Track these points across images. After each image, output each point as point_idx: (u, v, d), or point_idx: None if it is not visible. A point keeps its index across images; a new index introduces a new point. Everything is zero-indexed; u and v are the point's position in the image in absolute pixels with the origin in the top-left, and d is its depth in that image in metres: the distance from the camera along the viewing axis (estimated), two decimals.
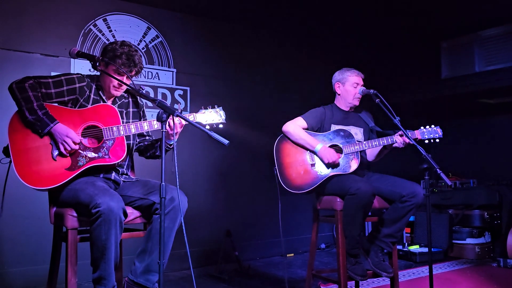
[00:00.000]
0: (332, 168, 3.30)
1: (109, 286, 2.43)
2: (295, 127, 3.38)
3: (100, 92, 2.75)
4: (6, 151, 2.53)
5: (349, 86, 3.49)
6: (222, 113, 2.81)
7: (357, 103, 3.51)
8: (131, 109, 2.90)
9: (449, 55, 5.81)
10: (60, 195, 2.58)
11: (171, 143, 2.78)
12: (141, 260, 2.60)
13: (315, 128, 3.44)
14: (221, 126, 2.81)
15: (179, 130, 2.69)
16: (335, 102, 3.61)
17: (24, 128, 2.52)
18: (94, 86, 2.74)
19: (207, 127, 2.76)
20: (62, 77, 2.65)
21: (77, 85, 2.66)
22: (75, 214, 2.51)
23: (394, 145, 3.31)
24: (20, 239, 3.92)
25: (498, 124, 5.97)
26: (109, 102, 2.78)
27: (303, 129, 3.41)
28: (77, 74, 2.72)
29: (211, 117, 2.78)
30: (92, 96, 2.71)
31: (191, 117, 2.74)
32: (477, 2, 4.85)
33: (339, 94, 3.57)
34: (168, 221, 2.57)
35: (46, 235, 3.09)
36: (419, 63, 6.06)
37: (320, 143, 3.32)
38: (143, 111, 2.98)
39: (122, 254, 2.85)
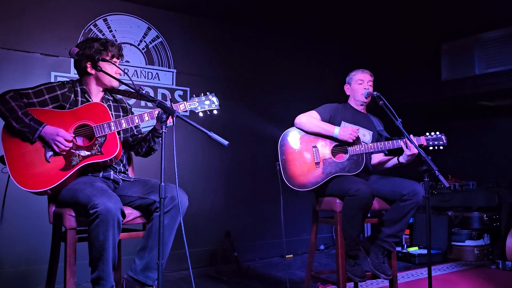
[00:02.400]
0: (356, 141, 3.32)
1: (107, 286, 2.42)
2: (309, 117, 3.41)
3: (86, 94, 2.75)
4: (3, 160, 2.54)
5: (354, 84, 3.56)
6: (215, 99, 2.78)
7: (365, 99, 3.53)
8: (121, 113, 2.90)
9: (449, 57, 5.80)
10: (59, 195, 2.58)
11: (160, 131, 2.77)
12: (141, 257, 2.60)
13: (326, 121, 3.46)
14: (215, 112, 2.77)
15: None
16: (348, 101, 3.68)
17: (14, 137, 2.53)
18: (79, 90, 2.74)
19: (201, 114, 2.74)
20: (42, 87, 2.66)
21: (59, 92, 2.67)
22: (74, 214, 2.51)
23: (405, 154, 3.27)
24: (19, 239, 3.92)
25: (497, 126, 5.96)
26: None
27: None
28: (57, 82, 2.73)
29: (203, 104, 2.75)
30: (79, 99, 2.71)
31: (181, 106, 2.72)
32: (477, 4, 4.85)
33: (349, 95, 3.65)
34: (169, 219, 2.57)
35: (45, 235, 3.09)
36: (419, 65, 6.06)
37: (336, 127, 3.34)
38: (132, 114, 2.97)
39: (121, 254, 2.85)
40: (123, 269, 2.94)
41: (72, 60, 4.12)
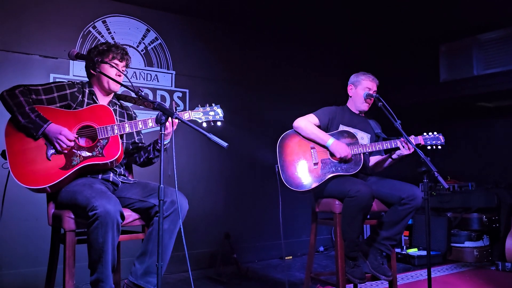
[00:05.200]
0: (344, 163, 3.30)
1: None
2: (307, 122, 3.41)
3: (93, 96, 2.77)
4: (4, 155, 2.54)
5: (360, 89, 3.51)
6: (219, 110, 2.78)
7: (365, 108, 3.52)
8: (126, 120, 2.90)
9: (448, 58, 5.81)
10: (58, 196, 2.59)
11: (165, 143, 2.78)
12: (141, 261, 2.59)
13: (324, 125, 3.47)
14: (219, 124, 2.77)
15: (174, 128, 2.67)
16: (347, 104, 3.65)
17: (18, 132, 2.54)
18: (87, 91, 2.76)
19: (204, 124, 2.74)
20: (52, 85, 2.68)
21: (68, 91, 2.69)
22: (73, 216, 2.50)
23: (400, 152, 3.28)
24: (18, 241, 3.91)
25: (496, 127, 5.97)
26: None
27: (315, 125, 3.43)
28: (68, 81, 2.75)
29: (208, 115, 2.75)
30: (86, 100, 2.73)
31: (186, 114, 2.72)
32: (476, 6, 4.86)
33: (350, 96, 3.61)
34: (169, 223, 2.57)
35: (44, 237, 3.08)
36: (418, 66, 6.07)
37: (332, 138, 3.33)
38: None
39: (120, 256, 2.85)
40: (122, 271, 2.94)
41: (71, 62, 4.23)
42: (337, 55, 6.19)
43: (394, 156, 3.37)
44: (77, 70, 4.26)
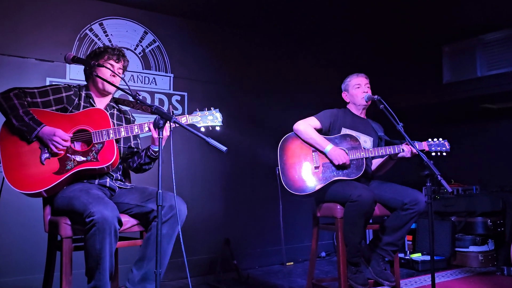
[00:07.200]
0: (342, 169, 3.27)
1: None
2: (306, 126, 3.39)
3: (90, 100, 2.75)
4: None
5: (352, 90, 3.56)
6: (218, 115, 2.74)
7: (365, 103, 3.51)
8: (123, 124, 2.87)
9: (451, 59, 5.78)
10: (55, 202, 2.57)
11: (156, 149, 2.73)
12: (139, 267, 2.57)
13: (326, 128, 3.44)
14: (218, 128, 2.73)
15: (168, 133, 2.62)
16: (347, 106, 3.68)
17: (12, 135, 2.52)
18: (83, 94, 2.74)
19: (202, 129, 2.70)
20: (48, 88, 2.66)
21: (64, 94, 2.67)
22: (69, 223, 2.48)
23: (400, 155, 3.30)
24: (14, 248, 3.87)
25: (500, 129, 5.91)
26: None
27: (316, 129, 3.42)
28: (64, 84, 2.74)
29: (206, 119, 2.71)
30: (82, 103, 2.71)
31: (183, 119, 2.68)
32: (479, 6, 4.83)
33: (348, 102, 3.65)
34: (168, 228, 2.55)
35: (41, 244, 3.05)
36: (420, 67, 6.04)
37: (330, 144, 3.32)
38: None
39: (118, 263, 2.84)
40: (120, 278, 2.92)
41: (68, 65, 4.19)
42: (338, 56, 6.16)
43: (395, 157, 3.36)
44: (74, 74, 4.22)
